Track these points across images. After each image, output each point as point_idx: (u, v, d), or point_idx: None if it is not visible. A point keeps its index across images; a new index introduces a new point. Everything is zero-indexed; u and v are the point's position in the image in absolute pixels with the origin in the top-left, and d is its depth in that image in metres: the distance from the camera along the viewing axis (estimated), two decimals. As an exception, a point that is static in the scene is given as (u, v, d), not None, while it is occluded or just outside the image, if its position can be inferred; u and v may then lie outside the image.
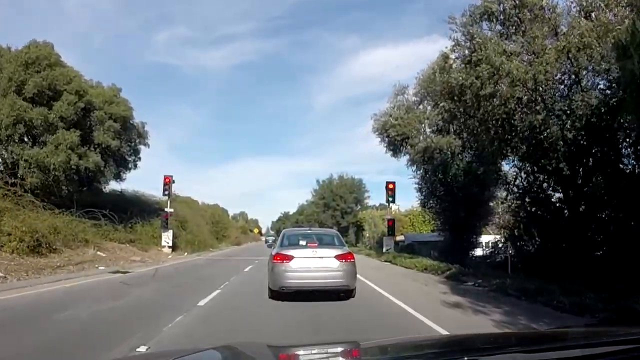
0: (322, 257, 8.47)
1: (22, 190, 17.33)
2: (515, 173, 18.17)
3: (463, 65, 14.06)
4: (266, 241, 39.29)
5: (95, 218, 21.00)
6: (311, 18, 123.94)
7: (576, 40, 11.49)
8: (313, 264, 8.36)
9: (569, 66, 12.22)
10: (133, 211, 25.53)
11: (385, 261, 21.56)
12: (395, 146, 23.62)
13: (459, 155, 22.37)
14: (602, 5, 11.46)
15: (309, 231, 10.73)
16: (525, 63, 11.94)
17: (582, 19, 11.68)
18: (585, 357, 1.67)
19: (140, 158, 25.87)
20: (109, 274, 13.79)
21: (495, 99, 14.38)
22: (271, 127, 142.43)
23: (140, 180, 49.28)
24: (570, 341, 2.11)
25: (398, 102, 23.52)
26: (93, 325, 6.47)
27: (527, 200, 16.90)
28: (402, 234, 39.36)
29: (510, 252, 12.65)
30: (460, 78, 13.65)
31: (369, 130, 23.65)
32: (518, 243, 16.50)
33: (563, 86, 13.09)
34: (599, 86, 12.43)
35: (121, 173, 25.71)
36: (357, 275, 9.20)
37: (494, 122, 14.72)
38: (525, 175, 17.51)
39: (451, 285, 11.60)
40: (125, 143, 23.72)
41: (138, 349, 4.91)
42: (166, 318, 6.76)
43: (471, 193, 21.41)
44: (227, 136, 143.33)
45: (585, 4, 12.06)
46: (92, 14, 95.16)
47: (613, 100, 11.57)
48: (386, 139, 23.83)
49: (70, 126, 20.32)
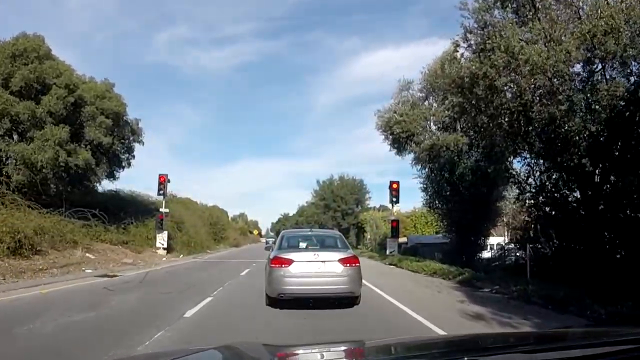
0: (325, 261, 7.76)
1: (7, 188, 16.37)
2: (527, 171, 17.22)
3: (475, 54, 13.12)
4: (266, 242, 38.03)
5: (85, 218, 20.01)
6: (312, 19, 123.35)
7: (602, 23, 10.51)
8: (314, 269, 7.67)
9: (594, 53, 11.22)
10: (127, 211, 24.57)
11: (390, 264, 20.53)
12: (399, 144, 22.61)
13: (467, 153, 21.44)
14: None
15: (310, 233, 10.05)
16: (545, 50, 10.94)
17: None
18: (585, 358, 1.67)
19: (134, 156, 24.90)
20: (95, 278, 12.81)
21: (510, 90, 13.51)
22: (271, 128, 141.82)
23: (140, 180, 48.39)
24: (570, 341, 2.10)
25: (403, 98, 22.54)
26: (55, 341, 5.49)
27: (542, 199, 15.94)
28: (405, 236, 38.34)
29: (528, 255, 11.64)
30: (473, 67, 12.69)
31: (369, 131, 22.85)
32: (532, 245, 15.50)
33: (586, 75, 12.10)
34: (627, 74, 11.43)
35: (114, 171, 24.73)
36: (362, 280, 8.41)
37: (509, 116, 13.77)
38: (538, 173, 16.56)
39: (466, 291, 10.59)
40: (118, 140, 22.70)
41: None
42: (144, 333, 5.78)
43: (479, 193, 20.49)
44: (227, 137, 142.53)
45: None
46: (93, 14, 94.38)
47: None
48: (390, 137, 22.82)
49: (59, 121, 19.35)
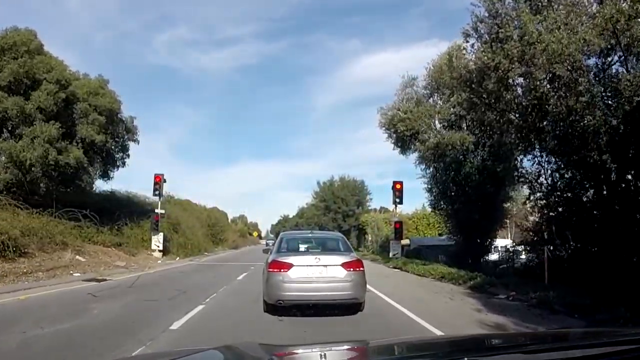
0: (327, 266, 7.27)
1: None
2: (538, 170, 16.44)
3: (487, 44, 12.35)
4: (266, 244, 37.14)
5: (77, 219, 19.20)
6: (312, 20, 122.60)
7: (626, 6, 9.75)
8: (315, 274, 7.17)
9: (618, 39, 10.45)
10: (122, 212, 23.75)
11: (394, 268, 19.72)
12: (403, 142, 21.81)
13: (473, 152, 20.67)
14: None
15: (311, 235, 9.55)
16: (565, 36, 10.16)
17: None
18: (585, 358, 1.66)
19: (129, 155, 24.12)
20: (82, 282, 12.00)
21: (524, 83, 12.75)
22: (272, 129, 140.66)
23: (140, 182, 47.47)
24: (570, 342, 2.11)
25: (407, 95, 21.72)
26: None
27: (554, 199, 15.16)
28: (407, 238, 37.55)
29: (545, 258, 10.84)
30: (485, 58, 11.92)
31: (369, 133, 22.04)
32: (545, 247, 14.70)
33: (607, 64, 11.33)
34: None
35: (109, 171, 23.97)
36: (366, 285, 7.88)
37: (521, 111, 13.01)
38: (550, 171, 15.78)
39: (480, 298, 9.77)
40: (111, 138, 21.91)
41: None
42: (122, 348, 5.01)
43: (486, 193, 19.71)
44: (228, 138, 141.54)
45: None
46: (94, 15, 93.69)
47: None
48: (394, 135, 22.01)
49: (49, 118, 18.54)
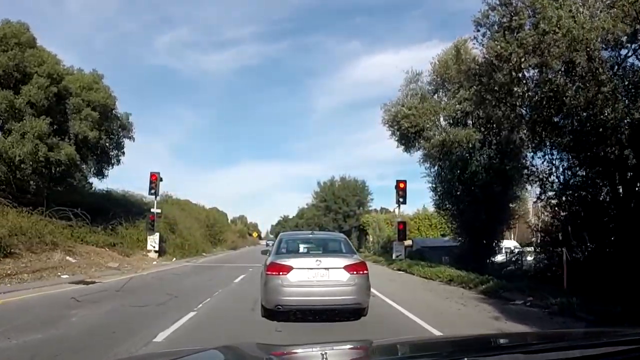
0: (328, 269, 6.85)
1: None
2: (549, 168, 15.72)
3: (499, 33, 11.64)
4: (266, 244, 36.30)
5: (68, 218, 18.48)
6: (312, 22, 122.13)
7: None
8: (317, 277, 6.78)
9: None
10: (118, 212, 23.04)
11: (398, 270, 18.97)
12: (407, 140, 21.07)
13: (479, 150, 19.96)
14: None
15: (311, 235, 9.14)
16: (589, 20, 9.45)
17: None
18: (585, 358, 1.66)
19: (124, 152, 23.40)
20: (68, 285, 11.28)
21: (537, 75, 12.06)
22: (272, 131, 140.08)
23: (140, 181, 46.61)
24: (570, 341, 2.09)
25: (411, 91, 20.99)
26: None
27: (567, 198, 14.44)
28: (410, 239, 36.85)
29: (565, 260, 10.10)
30: (498, 47, 11.22)
31: (369, 134, 21.31)
32: (559, 249, 13.98)
33: (631, 50, 10.63)
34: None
35: (103, 169, 23.28)
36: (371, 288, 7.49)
37: (536, 104, 12.29)
38: (562, 169, 15.06)
39: (495, 305, 9.01)
40: (106, 135, 21.21)
41: None
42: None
43: (493, 192, 19.01)
44: (228, 139, 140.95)
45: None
46: (94, 17, 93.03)
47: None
48: (397, 132, 21.27)
49: (40, 113, 17.83)
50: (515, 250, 23.95)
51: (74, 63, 31.07)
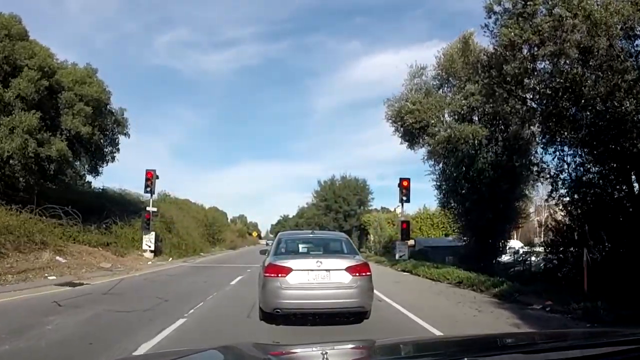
0: (329, 270, 6.56)
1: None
2: (560, 164, 15.04)
3: (513, 19, 10.96)
4: (266, 244, 35.55)
5: (60, 216, 17.81)
6: (313, 22, 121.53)
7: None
8: (317, 279, 6.50)
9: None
10: (114, 210, 22.36)
11: (403, 271, 18.28)
12: (411, 136, 20.38)
13: (486, 146, 19.29)
14: None
15: (312, 235, 8.77)
16: (613, 1, 8.76)
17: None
18: (585, 358, 1.64)
19: (119, 149, 22.72)
20: (54, 287, 10.61)
21: (551, 66, 11.37)
22: (272, 131, 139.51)
23: (140, 181, 45.73)
24: (570, 341, 2.07)
25: (415, 86, 20.32)
26: None
27: (581, 196, 13.77)
28: (412, 239, 36.21)
29: (585, 261, 9.38)
30: (512, 34, 10.54)
31: (369, 135, 20.56)
32: (573, 249, 13.30)
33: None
34: None
35: (97, 166, 22.59)
36: (375, 290, 7.19)
37: (551, 95, 11.61)
38: (575, 165, 14.38)
39: (512, 309, 8.33)
40: (99, 130, 20.51)
41: None
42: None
43: (500, 190, 18.35)
44: (228, 139, 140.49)
45: None
46: (94, 17, 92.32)
47: None
48: (401, 129, 20.59)
49: (31, 107, 17.17)
50: (520, 250, 23.37)
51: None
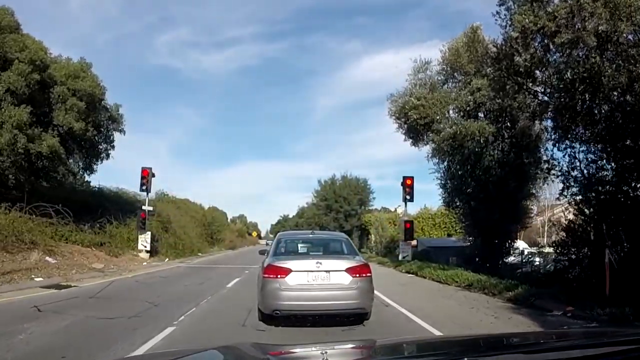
0: (329, 271, 6.50)
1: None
2: (572, 161, 14.40)
3: (527, 5, 10.34)
4: (266, 244, 34.88)
5: (50, 215, 17.17)
6: (313, 22, 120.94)
7: None
8: (317, 280, 6.44)
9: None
10: (109, 209, 21.72)
11: (407, 272, 17.62)
12: (416, 132, 19.72)
13: (493, 143, 18.67)
14: None
15: (311, 235, 8.64)
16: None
17: None
18: (585, 358, 1.64)
19: (114, 146, 22.13)
20: (39, 290, 9.98)
21: (565, 57, 10.75)
22: (272, 131, 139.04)
23: (139, 181, 44.94)
24: (570, 341, 2.06)
25: (419, 80, 19.67)
26: None
27: (594, 194, 13.15)
28: (415, 239, 35.59)
29: (607, 262, 8.70)
30: (526, 21, 9.92)
31: (369, 135, 19.92)
32: (586, 249, 12.66)
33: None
34: None
35: (92, 164, 21.97)
36: (378, 293, 7.42)
37: (565, 88, 10.97)
38: (587, 162, 13.74)
39: (531, 315, 7.69)
40: (93, 127, 19.87)
41: None
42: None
43: (507, 189, 17.74)
44: (228, 139, 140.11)
45: None
46: (95, 16, 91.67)
47: None
48: (405, 125, 19.93)
49: (21, 102, 16.52)
50: (525, 251, 22.82)
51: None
